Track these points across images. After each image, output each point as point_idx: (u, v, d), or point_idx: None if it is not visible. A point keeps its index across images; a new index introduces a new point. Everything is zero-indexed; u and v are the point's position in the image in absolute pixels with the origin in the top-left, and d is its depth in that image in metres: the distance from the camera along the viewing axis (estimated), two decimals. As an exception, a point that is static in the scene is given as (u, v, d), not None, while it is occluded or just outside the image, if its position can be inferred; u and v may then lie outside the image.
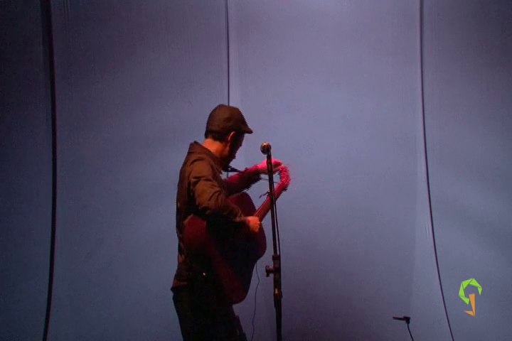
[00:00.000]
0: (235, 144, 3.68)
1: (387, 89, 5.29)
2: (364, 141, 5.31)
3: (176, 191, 3.61)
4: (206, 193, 3.26)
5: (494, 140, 5.21)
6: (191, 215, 3.42)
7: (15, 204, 4.90)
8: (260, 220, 3.62)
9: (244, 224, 3.44)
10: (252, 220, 3.51)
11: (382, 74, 5.28)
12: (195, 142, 3.67)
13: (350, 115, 5.31)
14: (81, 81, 5.02)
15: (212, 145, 3.64)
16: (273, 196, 3.49)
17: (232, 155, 3.69)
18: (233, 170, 3.80)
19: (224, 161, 3.68)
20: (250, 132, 3.73)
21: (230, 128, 3.63)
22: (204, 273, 3.33)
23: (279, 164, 3.96)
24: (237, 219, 3.36)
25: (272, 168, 3.54)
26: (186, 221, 3.44)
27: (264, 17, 5.31)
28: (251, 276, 3.66)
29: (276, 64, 5.31)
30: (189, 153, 3.61)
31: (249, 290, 3.66)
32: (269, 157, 3.54)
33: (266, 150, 3.54)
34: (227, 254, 3.43)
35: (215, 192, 3.25)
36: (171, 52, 5.17)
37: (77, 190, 5.02)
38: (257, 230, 3.50)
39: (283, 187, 3.99)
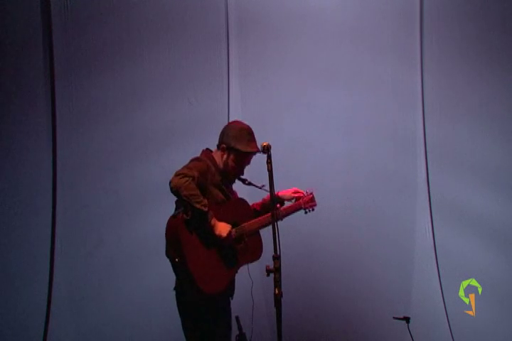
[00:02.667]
0: (227, 157, 3.79)
1: (387, 89, 5.29)
2: (364, 140, 5.31)
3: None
4: (177, 172, 3.53)
5: (494, 140, 5.21)
6: None
7: (15, 204, 4.89)
8: (251, 230, 3.76)
9: (210, 224, 3.57)
10: (223, 225, 3.61)
11: (382, 74, 5.28)
12: (207, 149, 3.86)
13: (350, 115, 5.31)
14: (81, 81, 5.02)
15: (216, 154, 3.84)
16: (273, 194, 3.53)
17: (228, 168, 3.80)
18: (250, 184, 3.91)
19: (223, 172, 3.81)
20: (244, 151, 3.77)
21: (222, 141, 3.82)
22: (177, 259, 3.53)
23: (298, 193, 4.08)
24: (199, 206, 3.49)
25: (271, 168, 3.56)
26: None
27: (264, 17, 5.32)
28: (233, 275, 3.74)
29: (276, 63, 5.31)
30: None
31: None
32: (269, 157, 3.56)
33: (266, 150, 3.56)
34: (202, 246, 3.59)
35: (184, 174, 3.49)
36: (171, 52, 5.17)
37: (77, 190, 5.02)
38: (224, 235, 3.59)
39: (297, 207, 4.04)
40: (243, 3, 5.29)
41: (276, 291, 3.34)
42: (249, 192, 4.03)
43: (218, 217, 3.62)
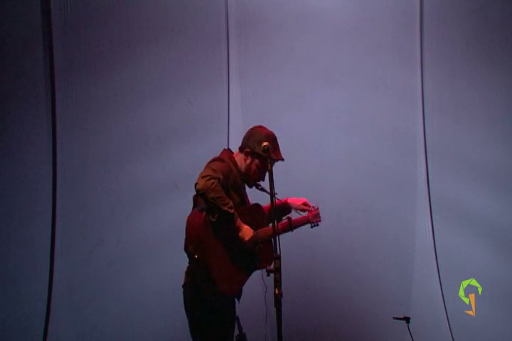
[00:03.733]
0: (251, 162, 3.78)
1: (387, 89, 5.29)
2: (364, 140, 5.31)
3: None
4: (203, 174, 3.50)
5: (494, 140, 5.21)
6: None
7: (15, 204, 4.89)
8: (265, 237, 3.74)
9: (236, 225, 3.59)
10: (247, 229, 3.64)
11: (382, 74, 5.28)
12: (228, 149, 3.88)
13: (350, 115, 5.31)
14: (81, 81, 5.01)
15: (237, 156, 3.82)
16: (273, 195, 3.53)
17: (250, 173, 3.80)
18: (262, 189, 3.91)
19: (244, 176, 3.81)
20: (266, 156, 3.67)
21: (246, 144, 3.79)
22: (196, 256, 3.51)
23: (306, 205, 4.08)
24: (225, 208, 3.49)
25: (271, 168, 3.56)
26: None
27: (264, 17, 5.32)
28: (247, 278, 3.74)
29: (276, 63, 5.31)
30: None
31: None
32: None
33: (266, 150, 3.57)
34: (222, 246, 3.59)
35: (210, 176, 3.47)
36: (171, 52, 5.17)
37: (77, 190, 5.02)
38: (247, 238, 3.62)
39: (305, 221, 4.06)
40: (243, 3, 5.29)
41: (277, 291, 3.34)
42: (253, 195, 4.03)
43: None
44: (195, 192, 3.59)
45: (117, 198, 5.06)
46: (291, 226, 3.94)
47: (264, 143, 3.59)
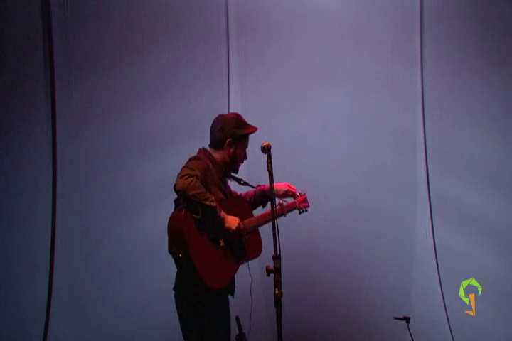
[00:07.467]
0: (235, 149, 3.82)
1: (387, 89, 5.30)
2: (364, 141, 5.32)
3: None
4: (180, 174, 3.53)
5: (494, 140, 5.21)
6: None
7: (15, 204, 4.89)
8: (251, 227, 3.77)
9: (220, 217, 3.60)
10: (232, 218, 3.64)
11: (382, 74, 5.29)
12: (203, 148, 3.86)
13: (350, 115, 5.32)
14: (81, 81, 5.01)
15: (215, 153, 3.83)
16: (273, 194, 3.56)
17: (235, 159, 3.84)
18: (246, 184, 3.96)
19: (229, 166, 3.85)
20: (251, 132, 3.86)
21: (224, 136, 3.80)
22: (180, 254, 3.53)
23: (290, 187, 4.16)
24: (208, 202, 3.51)
25: (272, 168, 3.56)
26: None
27: (265, 17, 5.32)
28: (235, 271, 3.76)
29: (277, 64, 5.32)
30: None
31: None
32: (269, 157, 3.56)
33: (266, 150, 3.57)
34: (207, 241, 3.60)
35: (188, 174, 3.50)
36: (171, 52, 5.18)
37: (77, 190, 5.02)
38: (234, 228, 3.63)
39: (293, 207, 4.14)
40: (243, 3, 5.29)
41: (276, 291, 3.34)
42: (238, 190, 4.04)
43: None
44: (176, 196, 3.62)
45: (117, 198, 5.07)
46: (277, 212, 3.85)
47: (264, 144, 3.58)
